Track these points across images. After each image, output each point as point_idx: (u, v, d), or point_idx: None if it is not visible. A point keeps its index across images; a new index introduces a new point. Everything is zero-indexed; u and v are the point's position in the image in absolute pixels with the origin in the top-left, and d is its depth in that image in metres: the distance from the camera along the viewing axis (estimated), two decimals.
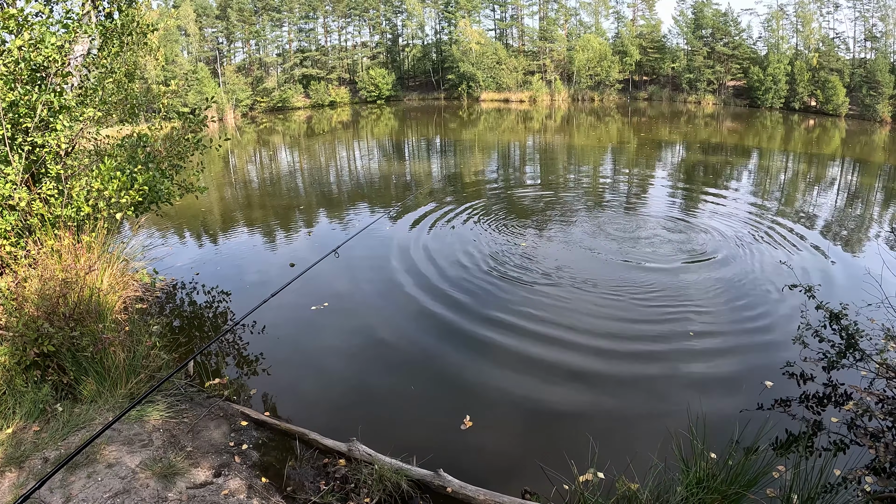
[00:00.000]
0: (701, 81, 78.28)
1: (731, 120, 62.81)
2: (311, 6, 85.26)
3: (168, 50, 65.15)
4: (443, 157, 35.93)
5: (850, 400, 8.28)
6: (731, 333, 10.43)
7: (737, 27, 79.59)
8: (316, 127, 57.38)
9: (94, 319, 7.80)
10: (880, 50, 70.21)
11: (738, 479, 5.51)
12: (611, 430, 7.61)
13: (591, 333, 10.32)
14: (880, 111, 64.31)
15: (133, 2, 11.26)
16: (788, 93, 72.15)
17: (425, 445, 6.95)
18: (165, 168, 11.33)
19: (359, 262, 14.27)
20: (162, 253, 14.27)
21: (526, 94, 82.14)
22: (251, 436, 7.01)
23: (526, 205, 20.54)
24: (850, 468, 6.67)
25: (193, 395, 7.64)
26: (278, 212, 20.26)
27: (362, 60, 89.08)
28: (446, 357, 9.53)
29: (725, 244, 15.48)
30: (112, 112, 11.26)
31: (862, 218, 20.85)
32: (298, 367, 9.28)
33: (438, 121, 61.14)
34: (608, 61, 79.78)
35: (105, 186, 9.65)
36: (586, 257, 14.37)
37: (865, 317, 10.09)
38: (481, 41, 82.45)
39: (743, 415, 7.74)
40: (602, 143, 41.89)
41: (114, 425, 6.42)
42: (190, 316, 11.22)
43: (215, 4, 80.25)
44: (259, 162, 35.73)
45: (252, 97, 75.37)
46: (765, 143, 46.01)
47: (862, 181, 30.42)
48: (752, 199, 22.63)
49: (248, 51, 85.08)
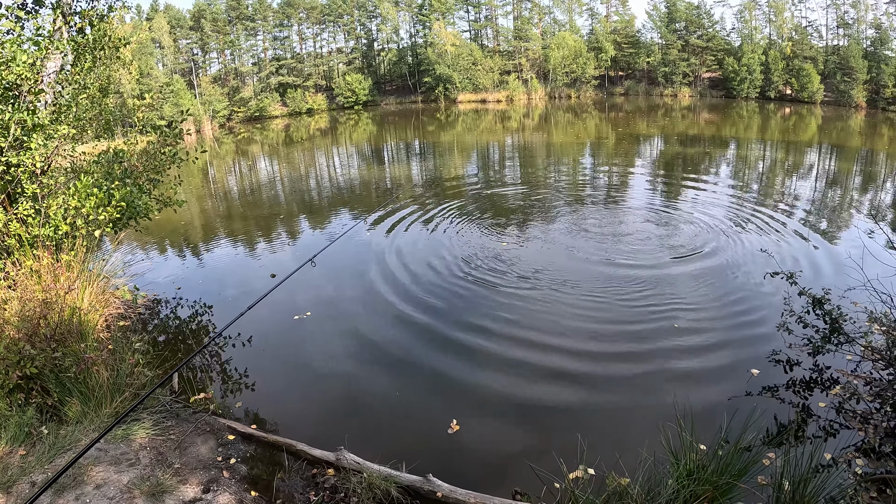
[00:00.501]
0: (676, 74, 78.88)
1: (707, 111, 63.26)
2: (284, 14, 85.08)
3: (143, 63, 64.81)
4: (422, 160, 35.95)
5: (836, 384, 8.33)
6: (716, 324, 10.48)
7: (710, 19, 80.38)
8: (294, 135, 57.22)
9: (75, 339, 7.72)
10: (853, 36, 71.25)
11: (728, 469, 5.52)
12: (599, 427, 7.62)
13: (574, 331, 10.34)
14: (855, 97, 65.26)
15: (104, 16, 11.14)
16: (763, 82, 72.97)
17: (413, 451, 6.94)
18: (143, 183, 11.25)
19: (340, 268, 14.23)
20: (143, 268, 14.15)
21: (503, 93, 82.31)
22: (239, 449, 6.95)
23: (506, 204, 20.57)
24: (840, 451, 6.72)
25: (179, 411, 7.57)
26: (259, 222, 20.17)
27: (338, 66, 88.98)
28: (430, 362, 9.49)
29: (706, 235, 15.56)
30: (87, 128, 11.17)
31: (842, 203, 21.05)
32: (283, 378, 9.22)
33: (416, 124, 61.18)
34: (583, 58, 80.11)
35: (82, 204, 9.56)
36: (568, 255, 14.39)
37: (849, 301, 10.17)
38: (456, 43, 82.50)
39: (731, 405, 7.77)
40: (580, 140, 42.06)
41: (100, 445, 6.36)
42: (173, 331, 11.12)
43: (189, 15, 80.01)
44: (238, 172, 35.61)
45: (229, 107, 75.11)
46: (742, 132, 46.36)
47: (840, 166, 30.72)
48: (731, 188, 22.78)
49: (224, 61, 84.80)
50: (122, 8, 11.65)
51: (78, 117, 10.40)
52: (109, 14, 11.25)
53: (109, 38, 11.13)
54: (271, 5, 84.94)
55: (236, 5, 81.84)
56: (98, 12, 11.00)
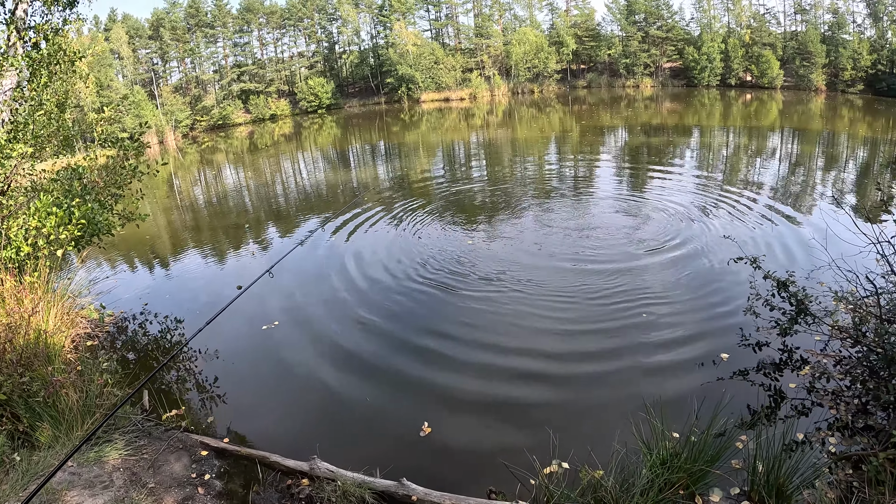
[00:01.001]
0: (638, 66, 79.68)
1: (670, 101, 63.89)
2: (244, 20, 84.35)
3: (102, 75, 63.90)
4: (387, 162, 35.93)
5: (806, 364, 8.45)
6: (684, 312, 10.60)
7: (669, 10, 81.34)
8: (259, 142, 56.78)
9: (42, 363, 7.61)
10: (810, 21, 72.72)
11: (701, 456, 5.59)
12: (570, 421, 7.66)
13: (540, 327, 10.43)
14: (815, 80, 66.70)
15: (59, 30, 10.96)
16: (724, 70, 74.11)
17: (387, 455, 6.94)
18: (104, 199, 11.09)
19: (308, 275, 14.17)
20: (109, 286, 13.88)
21: (466, 91, 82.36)
22: (213, 465, 6.89)
23: (473, 202, 20.62)
24: (813, 431, 6.81)
25: (151, 430, 7.47)
26: (225, 232, 19.99)
27: (300, 71, 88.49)
28: (399, 366, 9.46)
29: (672, 224, 15.73)
30: (45, 145, 10.99)
31: (805, 185, 21.39)
32: (254, 390, 9.13)
33: (380, 125, 61.04)
34: (545, 53, 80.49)
35: (43, 223, 9.41)
36: (535, 252, 14.42)
37: (815, 281, 10.35)
38: (418, 42, 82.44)
39: (702, 391, 7.85)
40: (545, 134, 42.24)
41: (74, 469, 6.28)
42: (142, 348, 10.93)
43: (147, 25, 78.98)
44: (203, 182, 35.26)
45: (191, 117, 74.26)
46: (705, 120, 46.86)
47: (802, 149, 31.18)
48: (696, 176, 23.06)
49: (184, 70, 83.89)
50: (77, 21, 11.47)
51: (36, 135, 10.22)
52: (64, 27, 11.07)
53: (65, 52, 10.96)
54: (230, 11, 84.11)
55: (195, 12, 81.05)
56: (53, 26, 10.83)
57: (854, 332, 7.82)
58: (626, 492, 5.45)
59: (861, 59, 64.67)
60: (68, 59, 11.05)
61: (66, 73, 11.29)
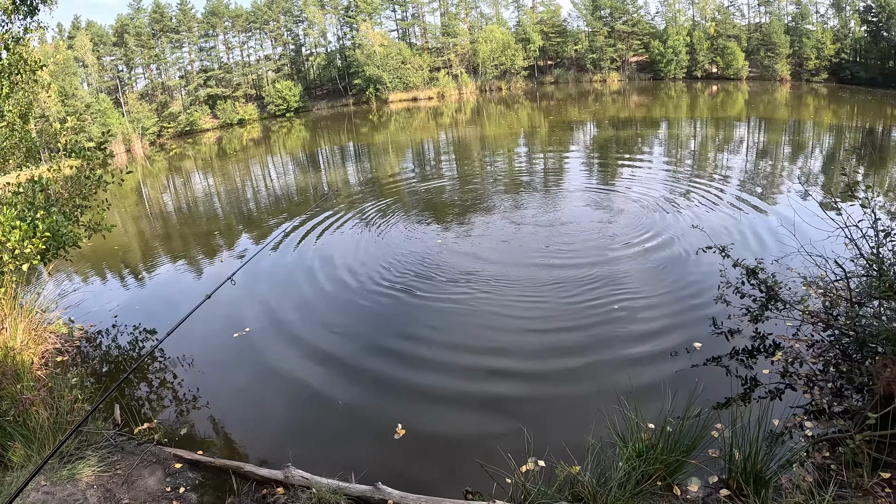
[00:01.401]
0: (604, 60, 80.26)
1: (637, 94, 64.40)
2: (209, 24, 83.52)
3: (67, 83, 62.94)
4: (357, 163, 35.80)
5: (779, 350, 8.54)
6: (655, 303, 10.66)
7: (634, 5, 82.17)
8: (227, 147, 56.26)
9: (11, 380, 7.46)
10: (774, 13, 74.09)
11: (678, 446, 5.60)
12: (544, 418, 7.63)
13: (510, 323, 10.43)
14: (779, 70, 67.87)
15: (20, 39, 10.77)
16: (690, 62, 75.00)
17: (361, 460, 6.91)
18: (69, 210, 10.90)
19: (278, 280, 14.04)
20: (77, 299, 13.63)
21: (434, 90, 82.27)
22: (187, 477, 6.78)
23: (443, 200, 20.57)
24: (789, 416, 6.88)
25: (124, 445, 7.32)
26: (196, 239, 19.74)
27: (267, 74, 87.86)
28: (371, 369, 9.38)
29: (641, 216, 15.84)
30: (9, 158, 10.80)
31: (772, 173, 21.67)
32: (227, 399, 9.00)
33: (349, 127, 60.79)
34: (512, 50, 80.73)
35: (7, 237, 9.21)
36: (507, 248, 14.42)
37: (785, 266, 10.45)
38: (385, 43, 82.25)
39: (676, 381, 7.89)
40: (513, 130, 42.36)
41: (47, 489, 6.16)
42: (113, 361, 10.71)
43: (112, 31, 77.95)
44: (173, 190, 34.85)
45: (158, 124, 73.41)
46: (672, 112, 47.29)
47: (769, 138, 31.59)
48: (665, 167, 23.26)
49: (150, 76, 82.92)
50: (38, 29, 11.27)
51: None
52: (25, 36, 10.88)
53: (26, 62, 10.77)
54: (195, 15, 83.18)
55: (160, 17, 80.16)
56: (13, 35, 10.64)
57: (825, 317, 7.92)
58: (604, 486, 5.45)
59: (825, 49, 65.84)
60: (30, 68, 10.87)
61: (28, 82, 11.11)
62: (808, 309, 8.31)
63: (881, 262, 6.89)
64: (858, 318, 6.98)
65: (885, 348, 6.36)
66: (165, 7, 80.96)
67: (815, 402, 7.15)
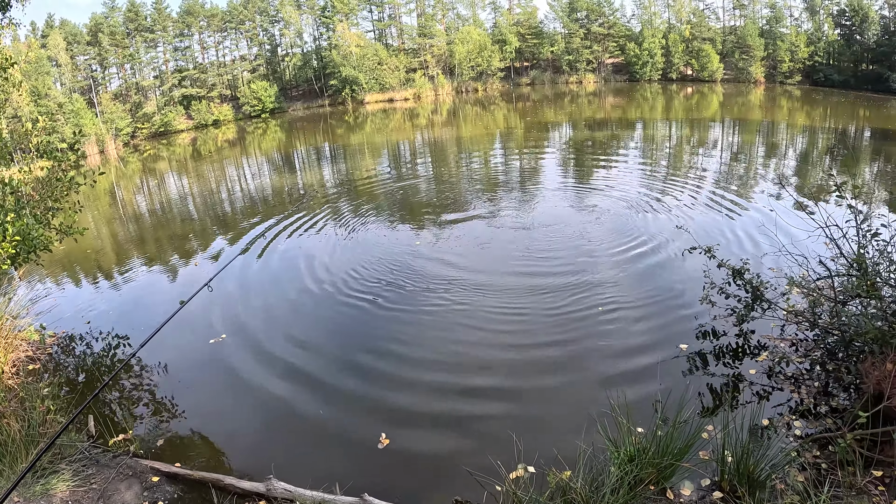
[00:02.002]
0: (580, 62, 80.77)
1: (613, 95, 64.82)
2: (184, 23, 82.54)
3: (40, 83, 61.92)
4: (333, 164, 35.61)
5: (765, 350, 8.53)
6: (640, 305, 10.63)
7: (610, 7, 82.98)
8: (202, 148, 55.66)
9: None
10: (749, 16, 75.31)
11: (669, 450, 5.53)
12: (533, 425, 7.52)
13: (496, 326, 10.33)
14: (754, 73, 68.98)
15: None
16: (665, 64, 75.77)
17: (346, 471, 6.76)
18: (41, 213, 10.60)
19: (254, 285, 13.83)
20: (48, 305, 13.23)
21: (410, 91, 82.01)
22: (165, 491, 6.57)
23: (420, 201, 20.48)
24: (777, 416, 6.89)
25: (99, 457, 7.07)
26: (171, 243, 19.42)
27: (242, 75, 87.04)
28: (352, 377, 9.23)
29: (621, 217, 15.87)
30: None
31: (751, 173, 21.80)
32: (204, 408, 8.78)
33: (325, 128, 60.45)
34: (488, 51, 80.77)
35: None
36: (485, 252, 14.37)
37: (767, 267, 10.44)
38: (361, 43, 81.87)
39: (665, 384, 7.83)
40: (490, 131, 42.34)
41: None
42: (87, 369, 10.41)
43: (86, 30, 76.84)
44: (147, 192, 34.35)
45: (132, 124, 72.34)
46: (647, 113, 47.59)
47: (744, 139, 31.87)
48: (641, 168, 23.39)
49: (124, 76, 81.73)
50: (10, 26, 11.00)
51: None
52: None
53: None
54: (170, 15, 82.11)
55: (134, 17, 79.10)
56: None
57: (810, 316, 7.90)
58: (596, 491, 5.35)
59: (798, 52, 66.86)
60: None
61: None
62: (793, 308, 8.31)
63: (863, 260, 6.87)
64: (844, 317, 6.96)
65: (872, 347, 6.34)
66: (140, 6, 79.92)
67: (803, 402, 7.15)
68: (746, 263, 8.59)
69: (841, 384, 7.30)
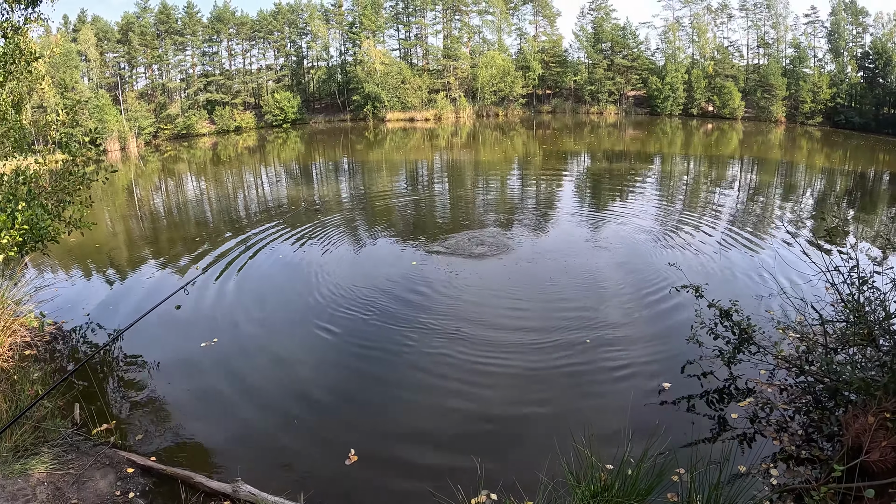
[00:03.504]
0: (602, 93, 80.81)
1: (632, 128, 64.85)
2: (214, 29, 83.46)
3: (67, 76, 62.66)
4: (350, 179, 35.74)
5: (750, 394, 8.47)
6: (626, 339, 10.60)
7: (635, 40, 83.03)
8: (222, 154, 56.06)
9: None
10: (772, 55, 74.93)
11: (635, 488, 5.50)
12: (498, 451, 7.54)
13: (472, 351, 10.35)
14: (775, 112, 68.64)
15: (19, 29, 10.71)
16: (686, 100, 75.58)
17: (311, 481, 6.84)
18: (50, 204, 10.78)
19: (255, 292, 13.97)
20: (51, 294, 13.40)
21: (431, 112, 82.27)
22: (138, 483, 6.69)
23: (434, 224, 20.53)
24: (755, 462, 6.80)
25: (80, 444, 7.23)
26: (181, 244, 19.51)
27: (267, 84, 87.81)
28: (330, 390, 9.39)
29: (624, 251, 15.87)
30: None
31: (760, 213, 21.75)
32: (186, 408, 8.90)
33: (345, 142, 60.73)
34: (511, 77, 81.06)
35: None
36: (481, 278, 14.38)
37: (763, 309, 10.41)
38: (386, 61, 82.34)
39: (639, 422, 7.80)
40: (508, 157, 42.40)
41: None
42: (80, 360, 10.55)
43: (117, 28, 77.79)
44: (164, 192, 34.63)
45: (155, 124, 72.92)
46: (666, 148, 47.56)
47: (760, 179, 31.79)
48: (654, 202, 23.33)
49: (151, 76, 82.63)
50: (38, 20, 11.22)
51: None
52: (25, 26, 10.82)
53: (22, 52, 10.71)
54: (201, 20, 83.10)
55: (165, 19, 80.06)
56: (13, 24, 10.59)
57: (799, 362, 7.89)
58: None
59: (821, 93, 66.68)
60: (25, 59, 10.80)
61: (23, 73, 11.04)
62: (782, 354, 8.28)
63: (860, 307, 6.88)
64: (833, 364, 6.95)
65: (857, 397, 6.33)
66: (172, 9, 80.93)
67: (784, 449, 7.09)
68: (736, 305, 8.52)
69: (823, 434, 7.27)
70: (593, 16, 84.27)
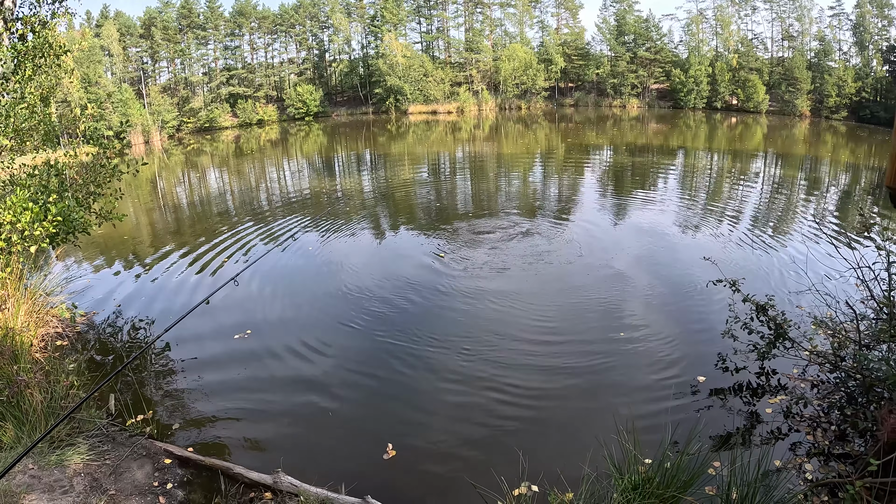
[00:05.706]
0: (625, 86, 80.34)
1: (655, 121, 64.36)
2: (236, 23, 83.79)
3: (91, 71, 63.26)
4: (373, 172, 35.72)
5: (784, 389, 8.41)
6: (662, 333, 10.53)
7: (658, 32, 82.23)
8: (244, 146, 56.38)
9: (8, 361, 7.43)
10: (797, 48, 73.95)
11: (674, 482, 5.49)
12: (540, 443, 7.52)
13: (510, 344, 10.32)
14: (799, 106, 67.89)
15: (47, 23, 10.80)
16: (710, 93, 74.96)
17: (351, 473, 6.83)
18: (82, 197, 10.89)
19: (285, 283, 13.98)
20: (82, 285, 13.61)
21: (453, 105, 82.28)
22: (176, 474, 6.73)
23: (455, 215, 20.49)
24: (789, 457, 6.78)
25: (116, 435, 7.29)
26: (206, 235, 19.58)
27: (289, 77, 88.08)
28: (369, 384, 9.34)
29: (653, 244, 15.73)
30: (26, 139, 10.79)
31: (787, 208, 21.50)
32: (221, 399, 8.93)
33: (367, 135, 60.78)
34: (534, 70, 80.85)
35: (17, 218, 9.19)
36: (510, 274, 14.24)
37: (794, 304, 10.32)
38: (408, 54, 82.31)
39: (677, 415, 7.77)
40: (530, 151, 42.25)
41: (34, 472, 6.12)
42: (112, 350, 10.66)
43: (139, 23, 78.35)
44: (187, 184, 34.91)
45: (178, 118, 73.52)
46: (690, 142, 47.15)
47: (785, 173, 31.45)
48: (679, 196, 23.17)
49: (174, 70, 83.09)
50: (65, 14, 11.30)
51: (16, 128, 10.04)
52: (52, 20, 10.91)
53: (51, 46, 10.80)
54: (223, 14, 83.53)
55: (187, 13, 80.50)
56: (40, 19, 10.67)
57: (833, 358, 7.81)
58: None
59: (846, 87, 65.92)
60: (54, 53, 10.89)
61: (51, 66, 11.13)
62: (816, 349, 8.21)
63: (893, 305, 6.80)
64: (866, 361, 6.88)
65: (892, 394, 6.27)
66: (194, 3, 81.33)
67: (818, 445, 7.05)
68: (772, 299, 8.48)
69: (857, 430, 7.21)
70: (616, 8, 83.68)
